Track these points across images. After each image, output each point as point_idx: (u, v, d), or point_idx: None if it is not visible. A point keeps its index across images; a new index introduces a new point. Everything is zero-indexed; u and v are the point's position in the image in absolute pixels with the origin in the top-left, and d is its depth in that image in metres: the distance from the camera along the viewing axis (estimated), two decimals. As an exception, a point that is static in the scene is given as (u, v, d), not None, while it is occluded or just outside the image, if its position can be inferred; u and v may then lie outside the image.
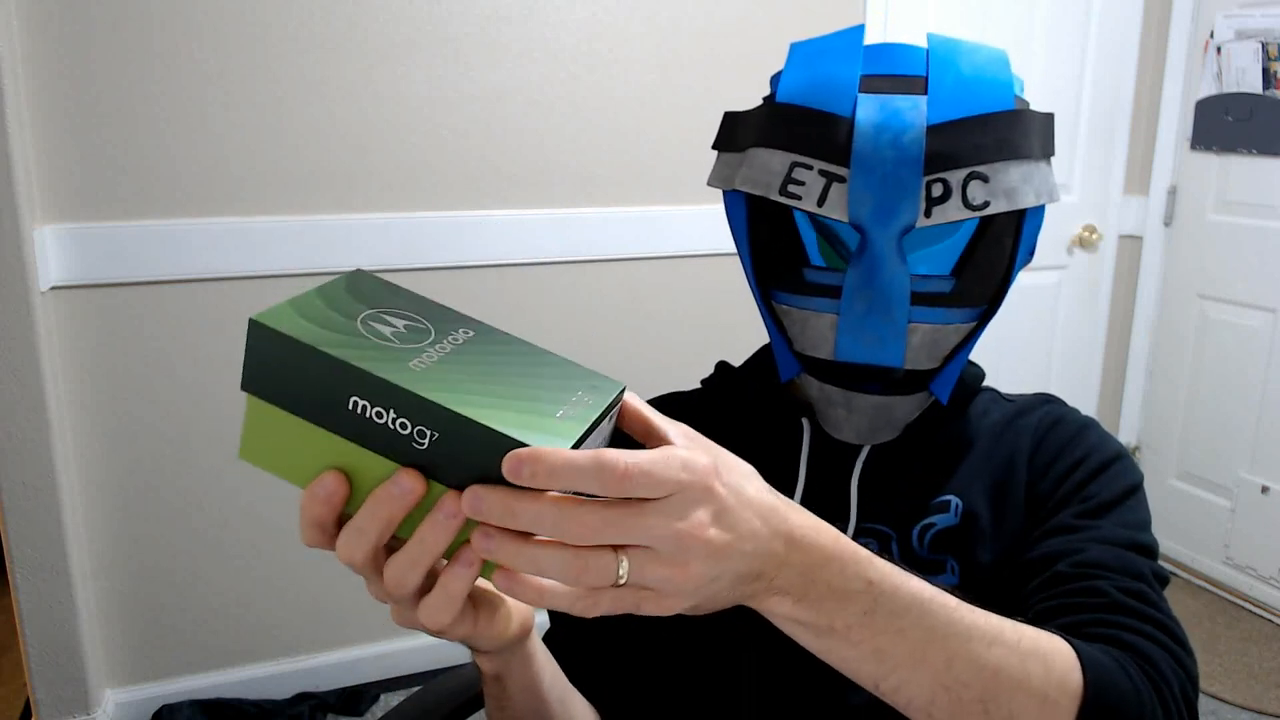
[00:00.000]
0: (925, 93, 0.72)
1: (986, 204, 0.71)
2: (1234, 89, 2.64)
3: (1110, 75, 2.82)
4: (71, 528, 1.95)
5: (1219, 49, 2.66)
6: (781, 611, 0.49)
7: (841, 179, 0.72)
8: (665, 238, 2.35)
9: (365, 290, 0.52)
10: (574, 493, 0.43)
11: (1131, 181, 2.93)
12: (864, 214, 0.72)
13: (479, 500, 0.43)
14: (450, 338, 0.50)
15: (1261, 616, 2.66)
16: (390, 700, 2.28)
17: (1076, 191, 2.88)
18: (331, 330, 0.46)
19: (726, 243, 2.35)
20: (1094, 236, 2.91)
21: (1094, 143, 2.85)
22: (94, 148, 1.90)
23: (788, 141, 0.74)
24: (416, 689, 0.99)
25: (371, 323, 0.48)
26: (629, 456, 0.42)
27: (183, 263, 1.99)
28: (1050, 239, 2.87)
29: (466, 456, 0.44)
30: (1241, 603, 2.72)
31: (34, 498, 1.88)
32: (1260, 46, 2.55)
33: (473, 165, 2.18)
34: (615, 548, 0.43)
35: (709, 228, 2.36)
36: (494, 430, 0.43)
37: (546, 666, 0.65)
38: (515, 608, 0.56)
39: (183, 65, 1.93)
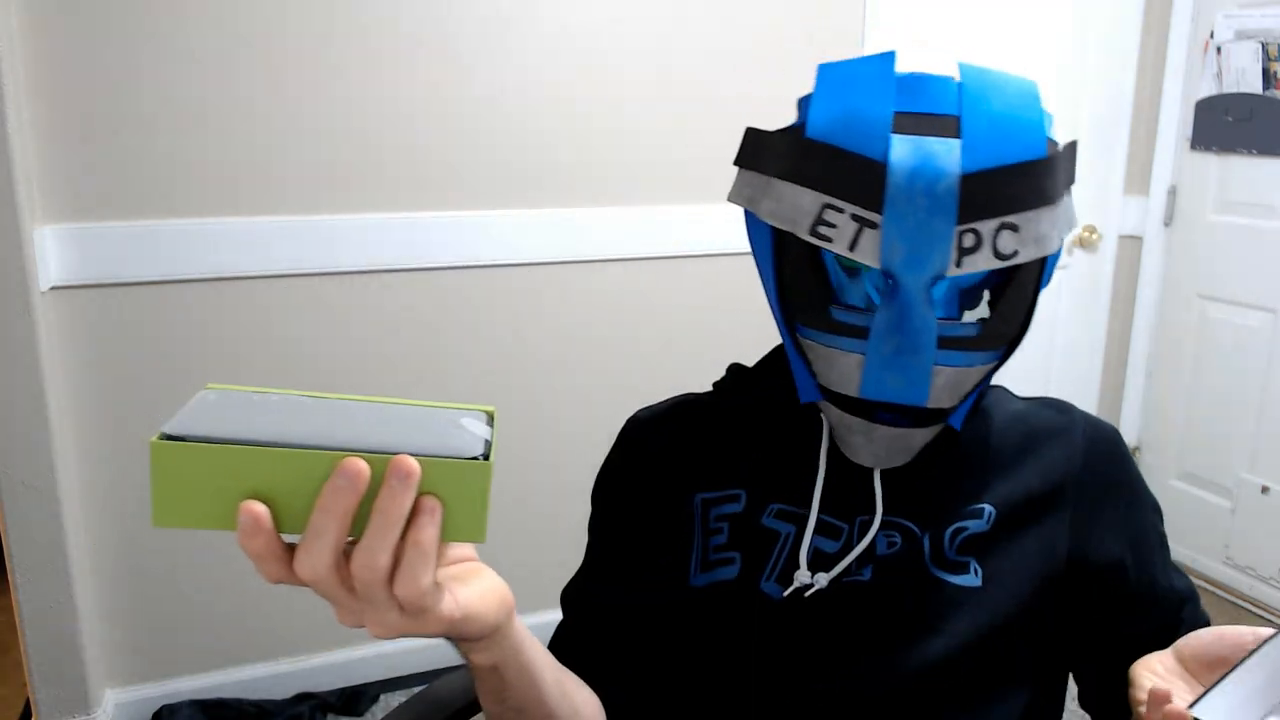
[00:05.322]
0: (958, 134, 0.71)
1: (1015, 253, 0.71)
2: (1234, 89, 2.64)
3: (1110, 75, 2.82)
4: (71, 528, 1.95)
5: (1219, 49, 2.66)
6: None
7: (874, 224, 0.71)
8: (666, 238, 2.35)
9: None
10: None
11: (1131, 182, 2.93)
12: (895, 261, 0.71)
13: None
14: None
15: (1261, 616, 2.66)
16: (390, 700, 2.28)
17: (1076, 192, 2.88)
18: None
19: (728, 243, 2.35)
20: (1094, 237, 2.91)
21: (1094, 143, 2.85)
22: (94, 148, 1.90)
23: (819, 181, 0.73)
24: (417, 689, 0.99)
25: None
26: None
27: (183, 263, 1.99)
28: (1050, 239, 2.87)
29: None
30: (1241, 603, 2.72)
31: (34, 498, 1.88)
32: (1260, 46, 2.55)
33: (473, 165, 2.18)
34: None
35: (710, 228, 2.36)
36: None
37: (537, 648, 0.66)
38: (489, 584, 0.56)
39: (183, 65, 1.93)
